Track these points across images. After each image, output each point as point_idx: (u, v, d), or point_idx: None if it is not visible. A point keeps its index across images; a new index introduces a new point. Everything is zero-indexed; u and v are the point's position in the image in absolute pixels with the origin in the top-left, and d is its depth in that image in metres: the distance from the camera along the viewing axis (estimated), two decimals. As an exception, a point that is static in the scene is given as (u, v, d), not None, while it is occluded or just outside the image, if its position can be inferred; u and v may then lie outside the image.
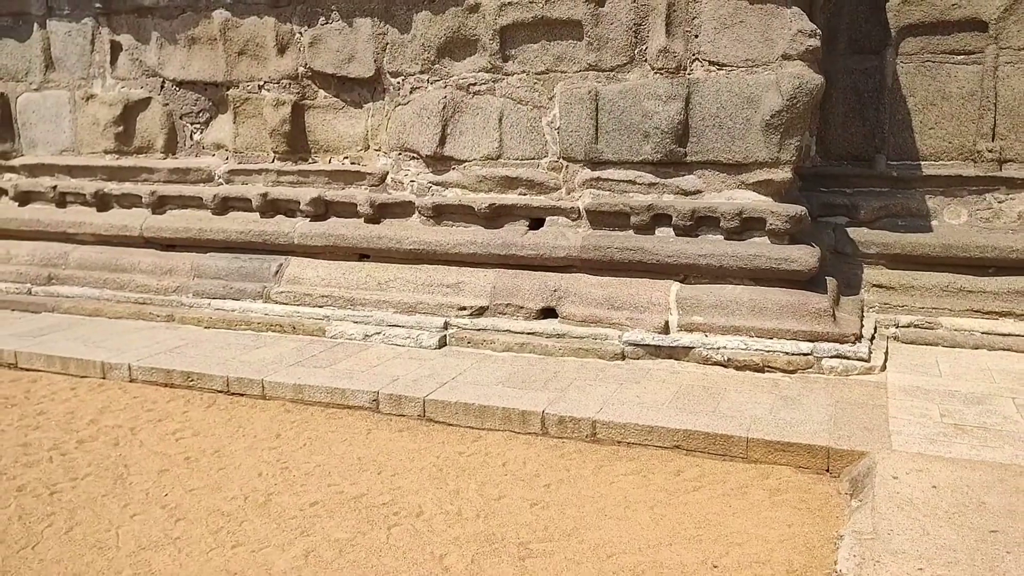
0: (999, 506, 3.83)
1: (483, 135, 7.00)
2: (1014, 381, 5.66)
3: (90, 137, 8.81)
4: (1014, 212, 6.66)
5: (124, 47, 8.45)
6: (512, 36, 6.77)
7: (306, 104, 7.77)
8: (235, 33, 7.84)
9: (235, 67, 7.95)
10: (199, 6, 7.98)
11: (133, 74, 8.47)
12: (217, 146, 8.31)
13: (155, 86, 8.41)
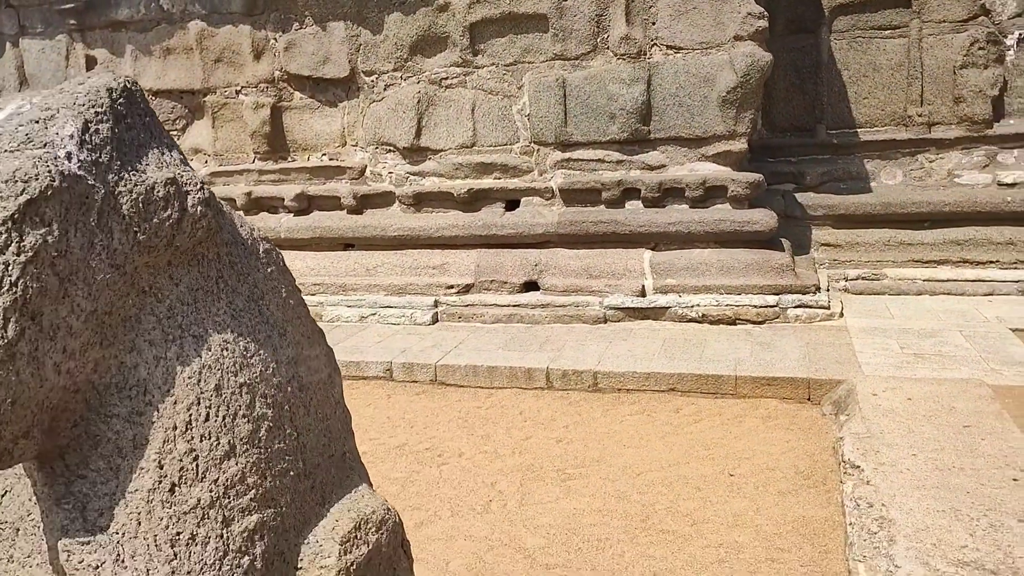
0: (967, 409, 4.46)
1: (457, 125, 7.43)
2: (957, 318, 6.36)
3: (60, 150, 8.92)
4: (943, 170, 7.41)
5: (99, 61, 8.62)
6: (481, 31, 7.22)
7: (283, 106, 8.08)
8: (211, 42, 8.10)
9: (212, 74, 8.20)
10: (173, 18, 8.21)
11: (103, 86, 8.62)
12: (195, 151, 8.53)
13: (125, 97, 8.58)
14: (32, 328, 1.09)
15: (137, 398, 1.23)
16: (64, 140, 1.15)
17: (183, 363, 1.26)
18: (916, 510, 3.36)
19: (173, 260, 1.28)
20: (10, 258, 1.07)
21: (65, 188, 1.12)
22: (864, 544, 3.22)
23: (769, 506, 3.83)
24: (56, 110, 1.18)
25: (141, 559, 1.19)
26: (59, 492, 1.21)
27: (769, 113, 7.86)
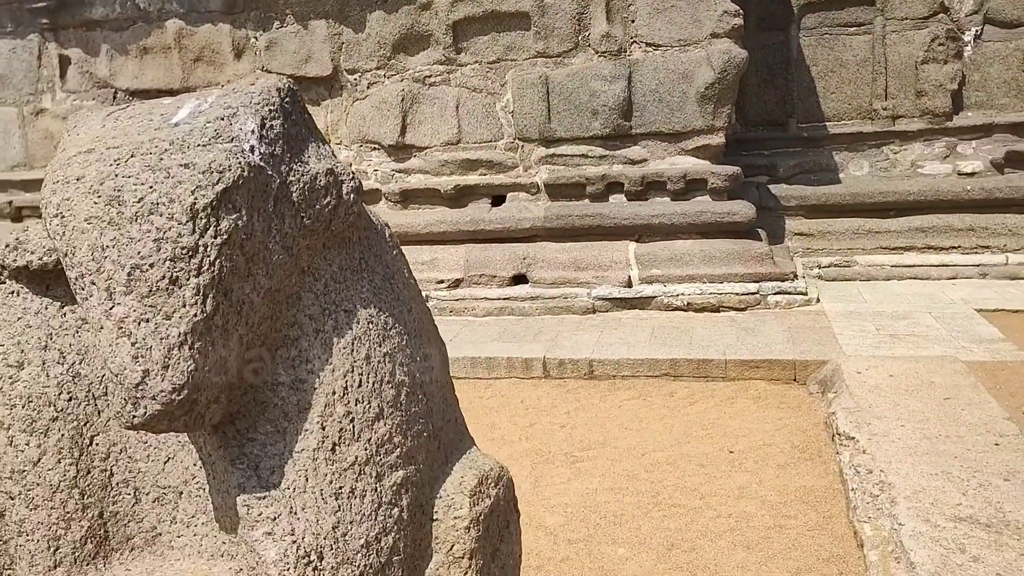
0: (945, 383, 4.75)
1: (442, 123, 7.57)
2: (925, 300, 6.70)
3: (44, 151, 8.86)
4: (907, 161, 7.77)
5: (73, 61, 8.56)
6: (464, 30, 7.37)
7: (263, 105, 8.12)
8: (190, 41, 8.12)
9: (191, 73, 8.21)
10: (150, 17, 8.20)
11: (84, 87, 8.59)
12: (171, 152, 8.53)
13: (107, 97, 8.55)
14: (224, 303, 1.23)
15: (300, 367, 1.36)
16: (247, 135, 1.27)
17: (338, 335, 1.40)
18: (911, 474, 3.62)
19: (327, 243, 1.42)
20: (208, 240, 1.20)
21: (251, 178, 1.25)
22: (867, 506, 3.47)
23: (771, 478, 4.07)
24: (236, 108, 1.30)
25: (311, 511, 1.33)
26: (233, 454, 1.34)
27: (742, 108, 8.14)
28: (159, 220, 1.19)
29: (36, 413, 1.43)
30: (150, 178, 1.20)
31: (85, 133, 1.33)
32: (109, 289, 1.19)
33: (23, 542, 1.44)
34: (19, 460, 1.43)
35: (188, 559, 1.47)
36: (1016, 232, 7.39)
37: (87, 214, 1.21)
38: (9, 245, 1.45)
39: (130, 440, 1.48)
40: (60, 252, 1.25)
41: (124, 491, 1.48)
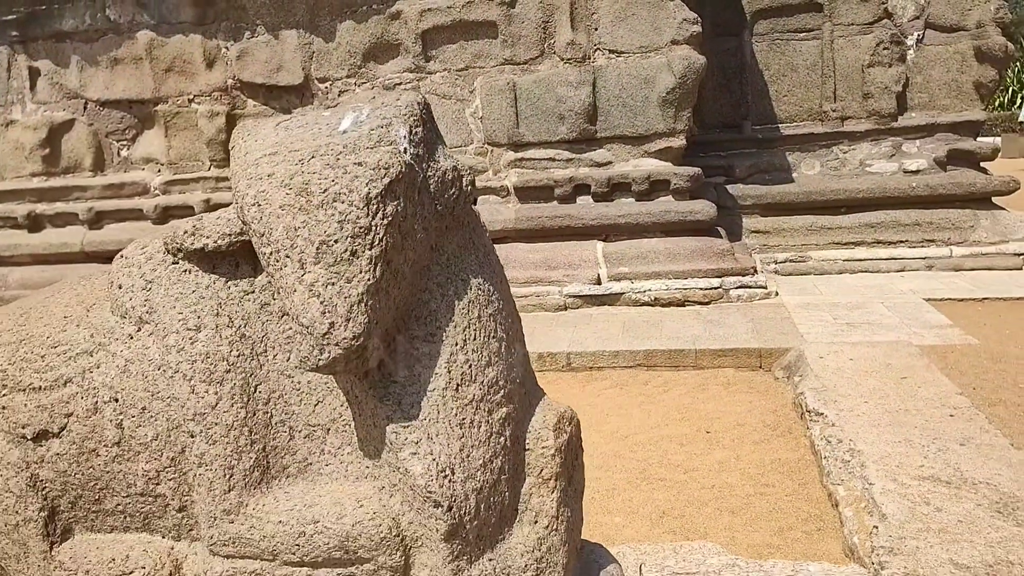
0: (901, 365, 5.10)
1: (413, 129, 7.75)
2: (877, 292, 7.10)
3: (14, 162, 8.82)
4: (856, 160, 8.19)
5: (43, 72, 8.57)
6: (433, 38, 7.59)
7: (237, 113, 8.23)
8: (161, 51, 8.19)
9: (163, 84, 8.28)
10: (121, 28, 8.25)
11: (54, 98, 8.60)
12: (147, 160, 8.58)
13: (78, 108, 8.57)
14: (387, 271, 1.53)
15: (430, 323, 1.68)
16: (401, 139, 1.58)
17: (457, 299, 1.70)
18: (877, 442, 3.93)
19: (449, 225, 1.71)
20: (378, 221, 1.50)
21: (406, 173, 1.56)
22: (839, 471, 3.77)
23: (747, 453, 4.35)
24: (391, 119, 1.60)
25: (443, 437, 1.64)
26: (380, 393, 1.65)
27: (699, 111, 8.48)
28: (341, 206, 1.49)
29: (212, 366, 1.70)
30: (331, 174, 1.51)
31: (263, 139, 1.62)
32: (301, 261, 1.49)
33: (202, 472, 1.70)
34: (200, 404, 1.69)
35: (335, 482, 1.75)
36: (959, 226, 7.85)
37: (281, 202, 1.50)
38: (187, 231, 1.70)
39: (286, 388, 1.74)
40: (256, 233, 1.53)
41: (281, 430, 1.75)
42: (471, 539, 1.67)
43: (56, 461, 1.77)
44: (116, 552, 1.79)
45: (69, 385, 1.75)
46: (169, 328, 1.72)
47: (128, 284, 1.78)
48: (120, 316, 1.77)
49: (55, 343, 1.79)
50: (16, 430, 1.78)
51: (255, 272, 1.75)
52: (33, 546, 1.80)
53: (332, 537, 1.68)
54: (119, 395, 1.73)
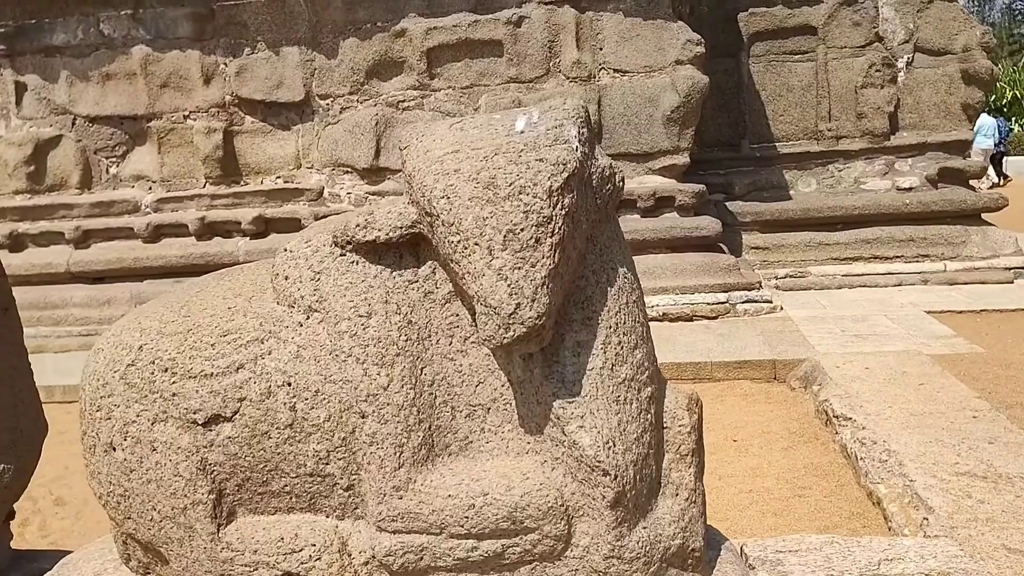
0: (916, 372, 5.21)
1: (417, 146, 7.78)
2: (878, 305, 7.24)
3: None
4: (851, 178, 8.39)
5: (30, 87, 8.44)
6: (437, 56, 7.65)
7: (235, 130, 8.19)
8: (157, 67, 8.14)
9: (158, 99, 8.22)
10: (115, 43, 8.19)
11: (41, 113, 8.47)
12: (137, 177, 8.48)
13: (65, 123, 8.46)
14: (563, 257, 1.64)
15: (587, 308, 1.78)
16: (573, 139, 1.70)
17: (609, 285, 1.81)
18: (909, 443, 4.02)
19: (601, 218, 1.82)
20: (558, 212, 1.63)
21: (579, 169, 1.68)
22: (878, 470, 3.84)
23: (778, 459, 4.40)
24: (563, 121, 1.73)
25: (602, 412, 1.74)
26: (545, 372, 1.75)
27: (699, 130, 8.60)
28: (526, 198, 1.62)
29: (384, 351, 1.77)
30: (515, 169, 1.64)
31: (440, 139, 1.74)
32: (490, 247, 1.61)
33: (373, 450, 1.77)
34: (373, 386, 1.76)
35: (496, 458, 1.83)
36: (952, 242, 8.05)
37: (469, 195, 1.63)
38: (359, 225, 1.78)
39: (448, 370, 1.82)
40: (444, 223, 1.64)
41: (444, 410, 1.82)
42: (631, 507, 1.77)
43: (227, 444, 1.82)
44: (284, 531, 1.84)
45: (241, 371, 1.82)
46: (341, 315, 1.79)
47: (295, 275, 1.85)
48: (288, 305, 1.85)
49: (224, 332, 1.85)
50: (187, 416, 1.83)
51: (418, 263, 1.83)
52: (200, 528, 1.84)
53: (501, 508, 1.75)
54: (292, 379, 1.80)
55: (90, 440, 1.93)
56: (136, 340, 1.90)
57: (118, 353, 1.91)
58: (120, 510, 1.91)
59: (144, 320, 1.94)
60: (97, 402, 1.90)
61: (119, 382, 1.88)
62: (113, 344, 1.93)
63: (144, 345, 1.88)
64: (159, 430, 1.84)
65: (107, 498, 1.93)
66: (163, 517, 1.85)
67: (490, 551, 1.78)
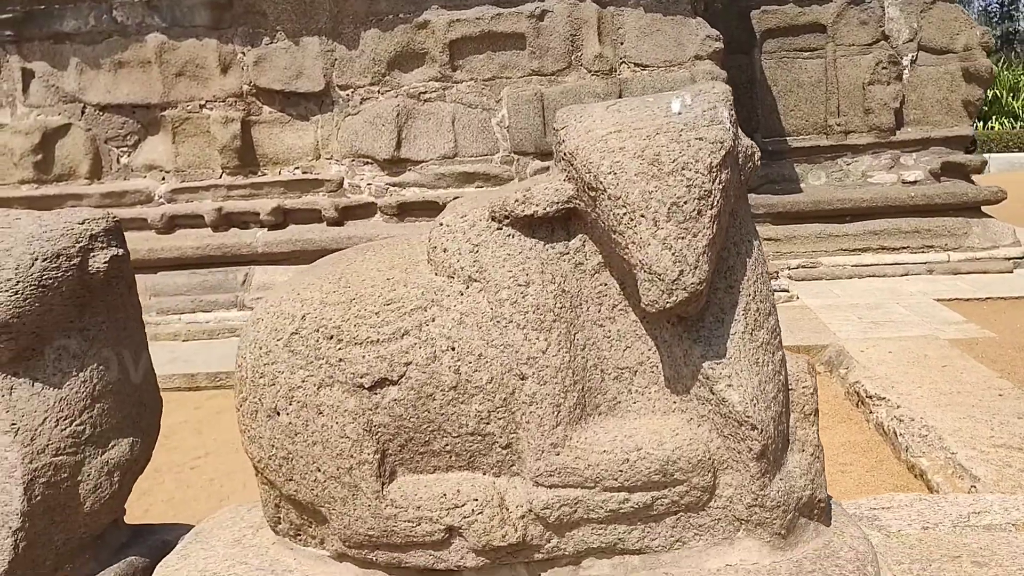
0: (936, 355, 5.42)
1: (438, 137, 7.90)
2: (890, 294, 7.46)
3: (1, 169, 8.62)
4: (858, 171, 8.61)
5: (38, 74, 8.42)
6: (460, 48, 7.76)
7: (252, 120, 8.25)
8: (172, 55, 8.16)
9: (173, 88, 8.25)
10: (128, 31, 8.20)
11: (49, 101, 8.45)
12: (149, 167, 8.50)
13: (75, 112, 8.46)
14: (719, 228, 1.80)
15: (729, 277, 1.93)
16: (725, 119, 1.85)
17: (748, 256, 1.96)
18: (944, 419, 4.22)
19: (742, 194, 1.98)
20: (716, 187, 1.77)
21: (733, 147, 1.83)
22: (918, 445, 4.04)
23: (815, 438, 4.57)
24: (715, 103, 1.87)
25: (745, 372, 1.89)
26: (694, 336, 1.90)
27: (707, 125, 8.80)
28: (689, 173, 1.76)
29: (542, 317, 1.90)
30: (677, 148, 1.77)
31: (599, 120, 1.87)
32: (655, 219, 1.75)
33: (532, 410, 1.90)
34: (532, 350, 1.89)
35: (643, 417, 1.96)
36: (954, 233, 8.29)
37: (635, 171, 1.77)
38: (517, 200, 1.91)
39: (598, 336, 1.95)
40: (611, 197, 1.78)
41: (594, 373, 1.95)
42: (772, 459, 1.92)
43: (392, 407, 1.94)
44: (446, 488, 1.96)
45: (407, 337, 1.94)
46: (501, 284, 1.92)
47: (454, 248, 1.98)
48: (447, 276, 1.97)
49: (387, 301, 1.97)
50: (354, 380, 1.94)
51: (568, 236, 1.96)
52: (365, 487, 1.96)
53: (654, 462, 1.89)
54: (456, 344, 1.92)
55: (251, 406, 2.04)
56: (298, 310, 2.01)
57: (280, 322, 2.02)
58: (281, 473, 2.02)
59: (302, 291, 2.05)
60: (260, 369, 2.01)
61: (283, 350, 1.99)
62: (273, 314, 2.04)
63: (307, 315, 2.00)
64: (325, 394, 1.95)
65: (267, 462, 2.04)
66: (328, 477, 1.96)
67: (640, 503, 1.92)
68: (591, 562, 2.01)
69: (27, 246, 2.13)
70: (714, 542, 1.96)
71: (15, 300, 2.07)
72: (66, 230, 2.21)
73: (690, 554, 1.97)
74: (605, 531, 1.96)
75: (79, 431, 2.20)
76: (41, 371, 2.17)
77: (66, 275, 2.18)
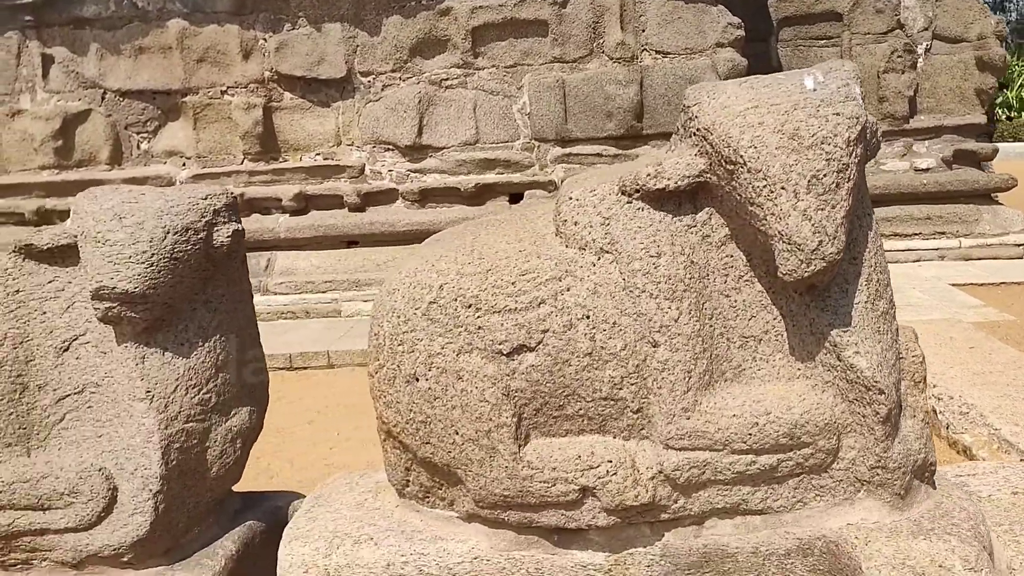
0: (962, 337, 5.55)
1: (459, 124, 7.95)
2: (905, 279, 7.60)
3: (20, 154, 8.61)
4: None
5: (57, 59, 8.41)
6: (482, 35, 7.81)
7: (273, 106, 8.27)
8: (193, 41, 8.17)
9: (194, 74, 8.25)
10: (149, 16, 8.19)
11: (68, 86, 8.44)
12: (170, 153, 8.51)
13: (95, 97, 8.45)
14: (855, 201, 1.89)
15: (852, 249, 2.00)
16: (857, 96, 1.92)
17: (869, 229, 2.05)
18: (982, 398, 4.35)
19: (864, 169, 2.02)
20: (852, 160, 1.86)
21: (866, 123, 1.92)
22: (960, 422, 4.17)
23: (855, 416, 4.70)
24: (847, 80, 1.94)
25: (868, 341, 1.98)
26: (821, 305, 1.99)
27: (722, 112, 8.90)
28: (828, 147, 1.83)
29: (673, 287, 1.97)
30: (815, 123, 1.85)
31: (735, 97, 1.95)
32: (795, 191, 1.83)
33: (664, 375, 1.97)
34: (665, 318, 1.97)
35: (767, 384, 2.05)
36: (965, 220, 8.45)
37: (775, 145, 1.84)
38: (649, 174, 1.98)
39: (724, 306, 2.04)
40: (751, 171, 1.85)
41: (720, 341, 2.03)
42: (894, 423, 2.01)
43: (529, 372, 2.02)
44: (580, 450, 2.05)
45: (543, 306, 2.01)
46: (633, 256, 2.00)
47: (585, 221, 2.06)
48: (579, 248, 2.05)
49: (523, 271, 2.05)
50: (493, 347, 2.02)
51: (695, 209, 2.04)
52: (503, 449, 2.04)
53: (783, 426, 1.98)
54: (591, 313, 2.00)
55: (389, 373, 2.12)
56: (435, 280, 2.09)
57: (417, 292, 2.09)
58: (418, 436, 2.10)
59: (437, 263, 2.12)
60: (399, 337, 2.09)
61: (421, 318, 2.07)
62: (410, 285, 2.12)
63: (444, 284, 2.07)
64: (465, 360, 2.03)
65: (404, 426, 2.12)
66: (466, 440, 2.04)
67: (766, 465, 2.01)
68: (713, 522, 2.10)
69: (158, 220, 2.19)
70: (835, 502, 2.05)
71: (151, 272, 2.14)
72: (191, 205, 2.27)
73: (811, 514, 2.06)
74: (730, 492, 2.05)
75: (206, 399, 2.27)
76: (170, 341, 2.24)
77: (194, 248, 2.24)
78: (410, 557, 2.12)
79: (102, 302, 2.12)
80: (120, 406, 2.19)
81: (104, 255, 2.13)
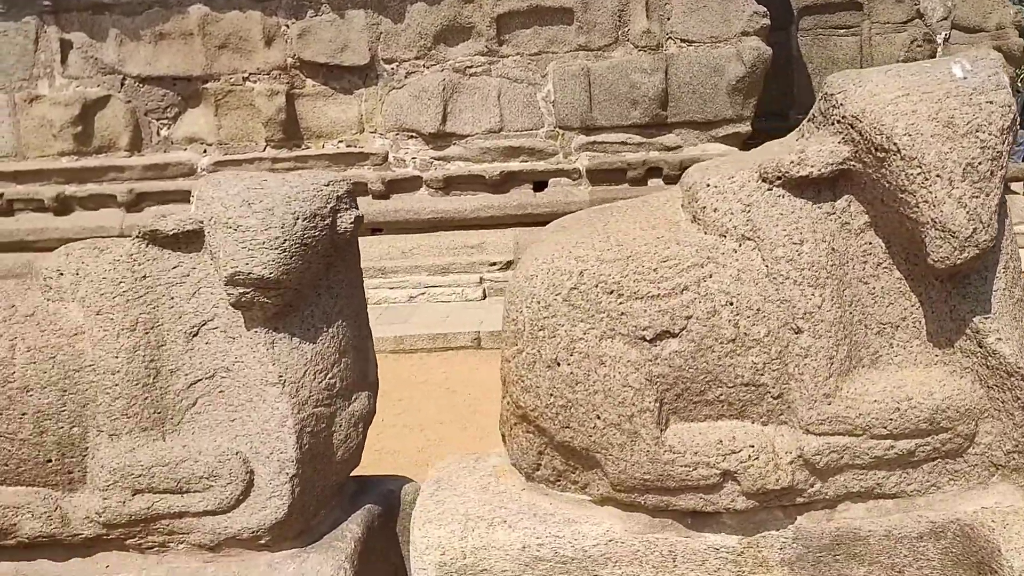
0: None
1: (483, 111, 7.94)
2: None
3: (39, 140, 8.52)
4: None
5: (76, 45, 8.32)
6: (507, 23, 7.79)
7: (296, 93, 8.22)
8: (215, 27, 8.10)
9: (215, 61, 8.19)
10: (170, 2, 8.13)
11: (87, 72, 8.36)
12: (190, 140, 8.45)
13: (114, 83, 8.37)
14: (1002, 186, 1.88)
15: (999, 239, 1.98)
16: (1006, 84, 1.90)
17: (1004, 216, 2.01)
18: None
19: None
20: (1005, 148, 1.86)
21: (1016, 111, 1.91)
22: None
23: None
24: (996, 69, 1.94)
25: (1008, 327, 1.99)
26: (962, 293, 2.00)
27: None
28: (983, 135, 1.85)
29: (816, 274, 1.98)
30: (970, 111, 1.86)
31: (883, 84, 1.95)
32: (950, 179, 1.83)
33: (807, 362, 1.99)
34: (808, 305, 1.98)
35: (904, 370, 2.06)
36: (983, 210, 8.54)
37: (930, 132, 1.85)
38: (793, 161, 1.98)
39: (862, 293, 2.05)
40: (906, 158, 1.86)
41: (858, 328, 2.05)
42: None
43: (672, 358, 2.03)
44: (721, 435, 2.06)
45: (686, 292, 2.02)
46: (776, 242, 2.01)
47: (725, 208, 2.07)
48: (719, 235, 2.06)
49: (664, 258, 2.06)
50: (635, 333, 2.03)
51: (835, 197, 2.05)
52: (645, 433, 2.05)
53: (924, 411, 2.01)
54: (734, 299, 2.01)
55: (528, 358, 2.13)
56: (575, 266, 2.10)
57: (557, 279, 2.10)
58: (558, 420, 2.12)
59: (575, 249, 2.13)
60: (540, 322, 2.10)
61: (562, 303, 2.08)
62: (548, 271, 2.12)
63: (585, 271, 2.08)
64: (607, 345, 2.04)
65: (543, 410, 2.13)
66: (607, 424, 2.06)
67: (904, 449, 2.04)
68: (846, 506, 2.12)
69: (287, 206, 2.18)
70: (968, 487, 2.08)
71: (284, 257, 2.13)
72: (316, 191, 2.26)
73: (944, 498, 2.10)
74: (865, 476, 2.08)
75: (332, 384, 2.27)
76: (297, 326, 2.24)
77: (321, 234, 2.23)
78: (545, 539, 2.14)
79: (236, 288, 2.11)
80: (252, 391, 2.19)
81: (237, 241, 2.12)
